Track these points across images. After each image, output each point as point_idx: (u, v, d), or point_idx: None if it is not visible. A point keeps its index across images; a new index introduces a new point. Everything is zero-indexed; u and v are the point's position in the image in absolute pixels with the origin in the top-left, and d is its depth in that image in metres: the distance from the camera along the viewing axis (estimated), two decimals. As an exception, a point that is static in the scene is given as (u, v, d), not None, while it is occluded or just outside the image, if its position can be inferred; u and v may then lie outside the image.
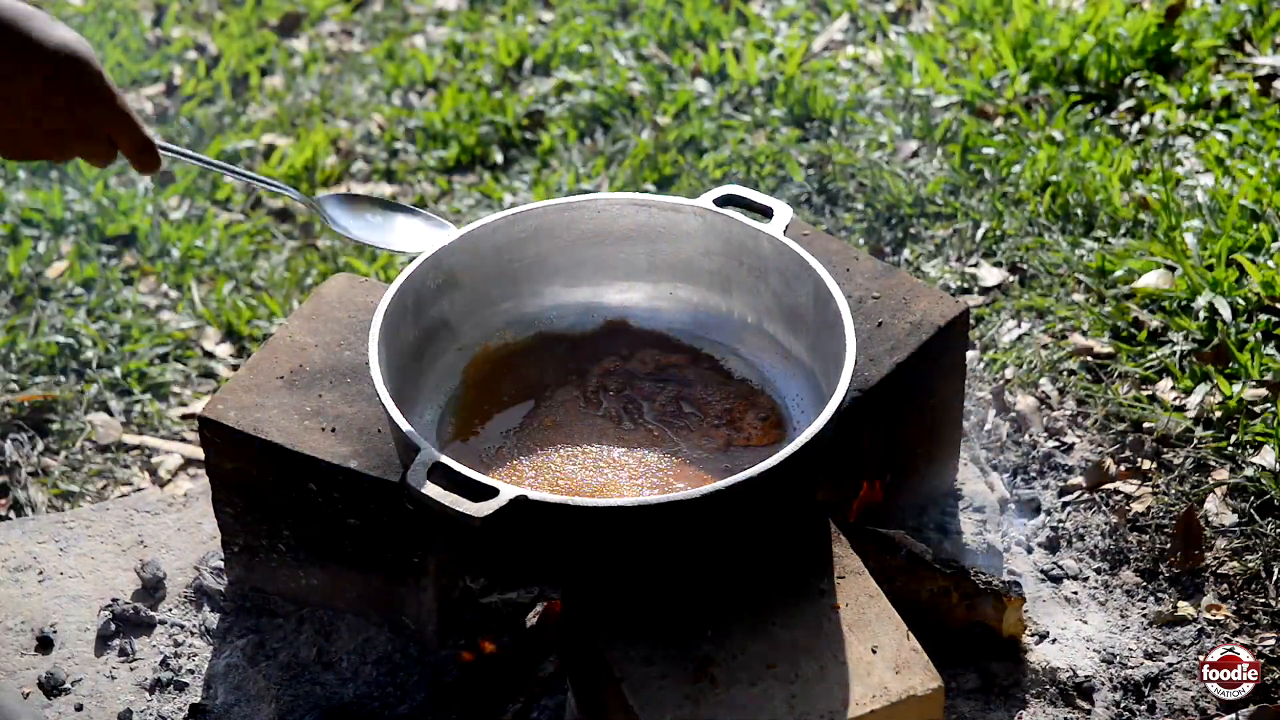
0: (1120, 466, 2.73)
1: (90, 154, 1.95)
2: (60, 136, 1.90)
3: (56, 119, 1.88)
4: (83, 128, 1.91)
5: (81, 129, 1.91)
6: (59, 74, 1.85)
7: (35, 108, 1.86)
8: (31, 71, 1.84)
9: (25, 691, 2.38)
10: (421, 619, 2.36)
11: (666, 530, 2.02)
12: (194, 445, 2.99)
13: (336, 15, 4.49)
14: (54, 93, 1.86)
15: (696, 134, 3.72)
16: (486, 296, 2.41)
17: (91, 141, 1.94)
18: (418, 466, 1.95)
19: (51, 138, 1.90)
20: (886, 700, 1.98)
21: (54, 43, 1.85)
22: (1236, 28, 3.74)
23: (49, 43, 1.85)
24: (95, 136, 1.93)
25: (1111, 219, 3.26)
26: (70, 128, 1.90)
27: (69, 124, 1.89)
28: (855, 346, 2.11)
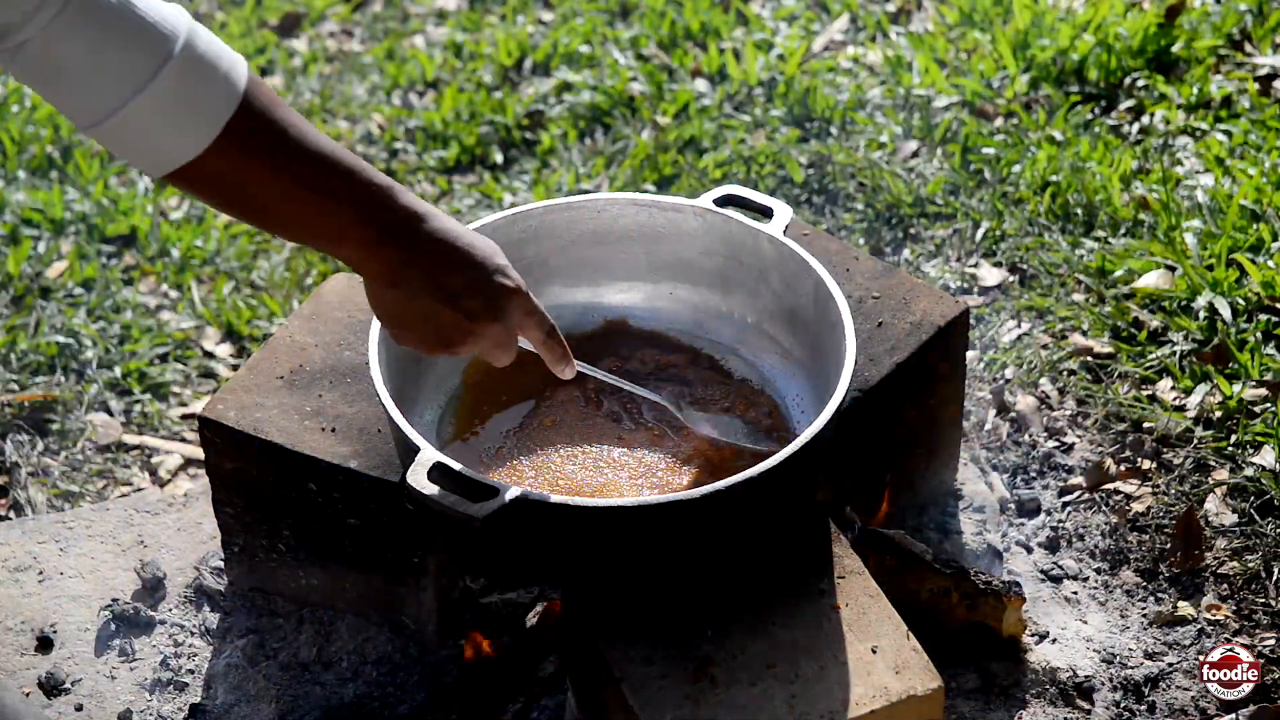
0: (1120, 466, 2.73)
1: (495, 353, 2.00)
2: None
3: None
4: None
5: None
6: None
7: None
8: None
9: (25, 691, 2.38)
10: (421, 619, 2.36)
11: (666, 530, 2.02)
12: (194, 445, 2.99)
13: (336, 15, 4.49)
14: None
15: (696, 134, 3.72)
16: (486, 296, 2.40)
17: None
18: (418, 466, 1.95)
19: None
20: (886, 700, 1.98)
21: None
22: (1236, 28, 3.73)
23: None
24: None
25: (1111, 219, 3.26)
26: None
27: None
28: (855, 346, 2.11)
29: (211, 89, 1.70)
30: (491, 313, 1.92)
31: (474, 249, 1.91)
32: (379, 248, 1.84)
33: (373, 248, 1.84)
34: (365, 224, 1.83)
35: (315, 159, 1.78)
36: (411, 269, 1.87)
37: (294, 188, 1.78)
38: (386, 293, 1.89)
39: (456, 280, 1.89)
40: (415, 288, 1.87)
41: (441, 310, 1.89)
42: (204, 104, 1.70)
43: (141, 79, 1.66)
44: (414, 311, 1.89)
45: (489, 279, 1.91)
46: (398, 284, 1.87)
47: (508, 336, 1.96)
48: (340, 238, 1.84)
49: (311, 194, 1.79)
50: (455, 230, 1.90)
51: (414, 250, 1.86)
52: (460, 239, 1.90)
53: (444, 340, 1.92)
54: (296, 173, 1.77)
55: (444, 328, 1.91)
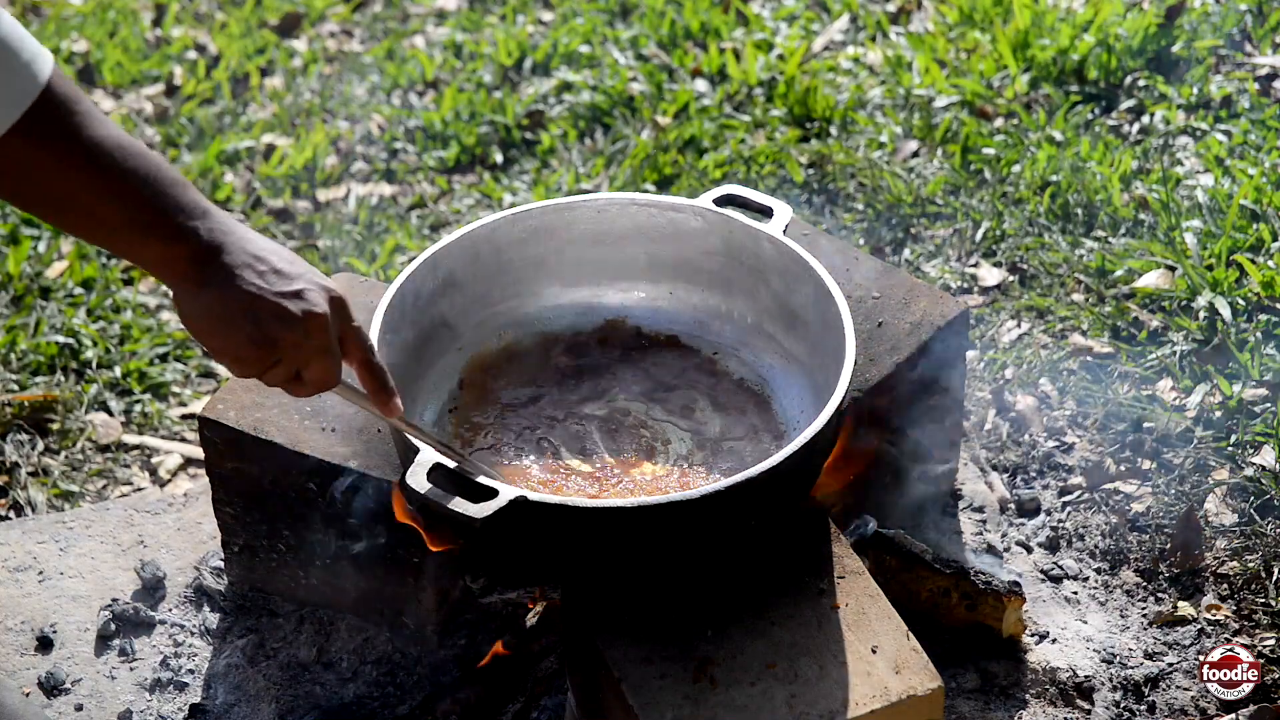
0: (1120, 466, 2.73)
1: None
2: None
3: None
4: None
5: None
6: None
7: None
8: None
9: (25, 691, 2.38)
10: (421, 619, 2.36)
11: (666, 530, 2.02)
12: (194, 445, 2.99)
13: (336, 15, 4.49)
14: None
15: (696, 134, 3.72)
16: (486, 296, 2.41)
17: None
18: (417, 467, 1.95)
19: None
20: (886, 700, 1.98)
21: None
22: (1236, 28, 3.74)
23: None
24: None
25: (1111, 219, 3.26)
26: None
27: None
28: (855, 346, 2.11)
29: (12, 74, 1.63)
30: (312, 300, 1.79)
31: (281, 248, 1.82)
32: (182, 243, 1.74)
33: (175, 243, 1.74)
34: (167, 217, 1.73)
35: (115, 151, 1.70)
36: (221, 261, 1.75)
37: (92, 179, 1.69)
38: (199, 295, 1.76)
39: (274, 268, 1.78)
40: (228, 280, 1.75)
41: (259, 300, 1.76)
42: (3, 88, 1.63)
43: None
44: (229, 306, 1.76)
45: (305, 273, 1.81)
46: (209, 282, 1.75)
47: (330, 338, 1.82)
48: (141, 237, 1.73)
49: (110, 186, 1.70)
50: (254, 232, 1.81)
51: (221, 243, 1.76)
52: (264, 239, 1.81)
53: (264, 336, 1.76)
54: (95, 164, 1.68)
55: (262, 320, 1.76)
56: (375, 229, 3.60)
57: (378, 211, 3.66)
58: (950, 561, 2.38)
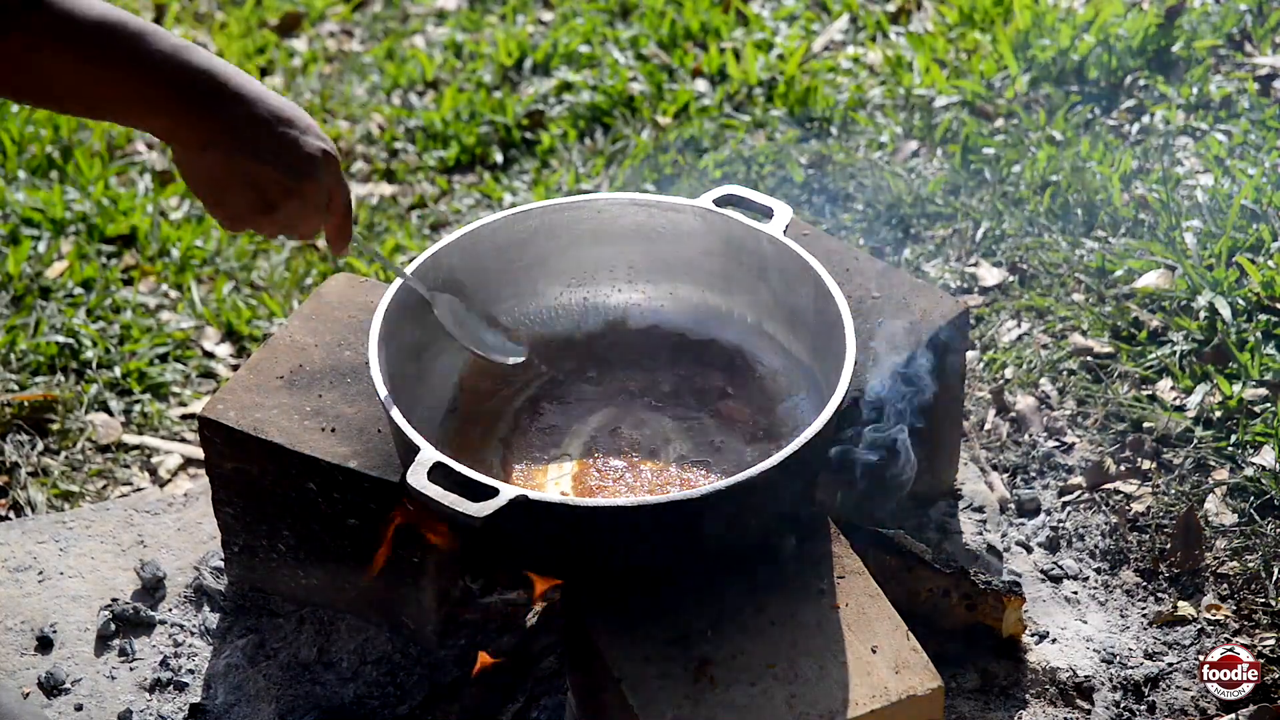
0: (1120, 466, 2.73)
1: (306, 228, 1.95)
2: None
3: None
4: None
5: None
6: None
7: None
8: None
9: (25, 691, 2.38)
10: (421, 619, 2.36)
11: (666, 530, 2.01)
12: (194, 445, 2.99)
13: (336, 15, 4.49)
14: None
15: (696, 134, 3.72)
16: (487, 296, 2.40)
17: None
18: (418, 466, 1.95)
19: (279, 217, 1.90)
20: (886, 700, 1.98)
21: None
22: (1236, 28, 3.74)
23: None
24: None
25: (1111, 219, 3.26)
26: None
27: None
28: (855, 346, 2.11)
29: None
30: (311, 167, 1.86)
31: (283, 106, 1.86)
32: (186, 110, 1.78)
33: (179, 110, 1.78)
34: (165, 86, 1.76)
35: (101, 28, 1.72)
36: (225, 127, 1.80)
37: (83, 61, 1.72)
38: (201, 157, 1.82)
39: (274, 135, 1.83)
40: (231, 146, 1.81)
41: (261, 167, 1.83)
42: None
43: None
44: (232, 171, 1.82)
45: (304, 135, 1.86)
46: (212, 144, 1.81)
47: (322, 199, 1.91)
48: (141, 105, 1.77)
49: (103, 64, 1.73)
50: (259, 87, 1.85)
51: (223, 109, 1.80)
52: (268, 96, 1.85)
53: (265, 201, 1.85)
54: (83, 44, 1.71)
55: (263, 188, 1.84)
56: (375, 229, 3.60)
57: (378, 211, 3.66)
58: (950, 561, 2.38)
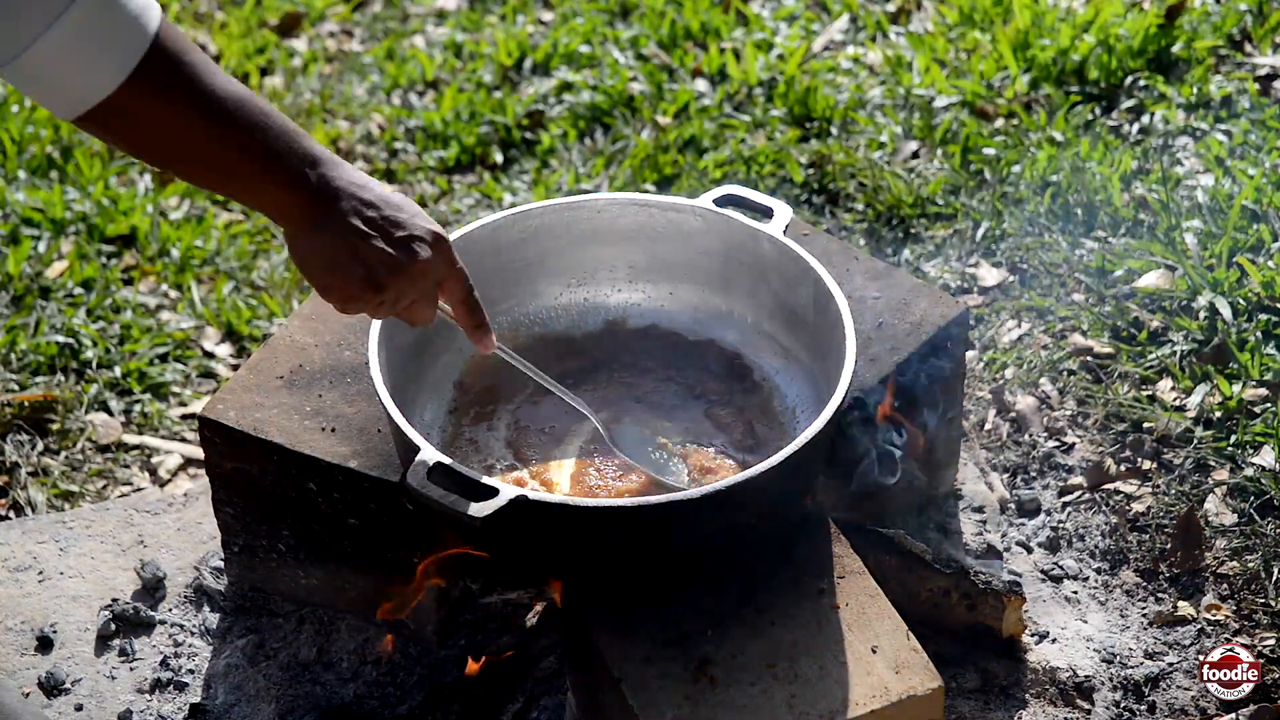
0: (1120, 466, 2.73)
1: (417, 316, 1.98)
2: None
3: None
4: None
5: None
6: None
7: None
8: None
9: (25, 691, 2.38)
10: (421, 619, 2.36)
11: (666, 530, 2.01)
12: (194, 445, 2.99)
13: (336, 15, 4.49)
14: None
15: (696, 134, 3.72)
16: (486, 296, 2.39)
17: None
18: (418, 466, 1.95)
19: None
20: (886, 700, 1.98)
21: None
22: (1236, 28, 3.74)
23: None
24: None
25: (1111, 219, 3.26)
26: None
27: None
28: (855, 346, 2.11)
29: (124, 25, 1.67)
30: (420, 249, 1.88)
31: (393, 193, 1.90)
32: (299, 188, 1.81)
33: (292, 189, 1.81)
34: (283, 163, 1.79)
35: (229, 100, 1.75)
36: (335, 206, 1.83)
37: (210, 128, 1.74)
38: (311, 236, 1.85)
39: (383, 215, 1.86)
40: (341, 225, 1.83)
41: (369, 247, 1.85)
42: (117, 40, 1.67)
43: (50, 15, 1.63)
44: (340, 250, 1.84)
45: (413, 218, 1.89)
46: (321, 223, 1.83)
47: (432, 282, 1.93)
48: (258, 179, 1.80)
49: (227, 135, 1.75)
50: (366, 176, 1.88)
51: (335, 189, 1.83)
52: (376, 183, 1.89)
53: (373, 281, 1.86)
54: (212, 112, 1.74)
55: (372, 266, 1.85)
56: (375, 229, 3.59)
57: (378, 211, 3.66)
58: (950, 561, 2.38)
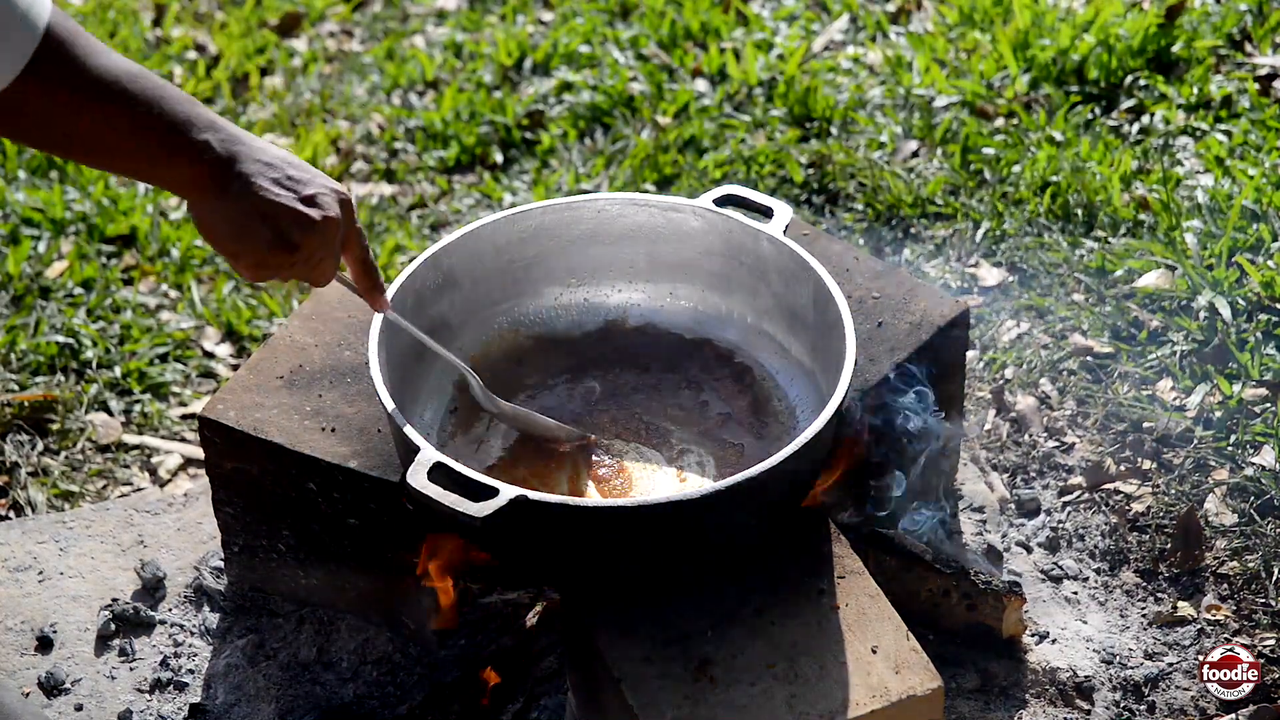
0: (1120, 466, 2.73)
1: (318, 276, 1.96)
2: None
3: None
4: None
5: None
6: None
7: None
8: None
9: (25, 691, 2.38)
10: (421, 619, 2.36)
11: (666, 530, 2.01)
12: (194, 445, 2.99)
13: (336, 15, 4.49)
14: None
15: (696, 134, 3.72)
16: (486, 296, 2.41)
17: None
18: (418, 466, 1.95)
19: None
20: (886, 700, 1.98)
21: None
22: (1236, 28, 3.74)
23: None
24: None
25: (1111, 219, 3.26)
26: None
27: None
28: (855, 346, 2.11)
29: (13, 21, 1.68)
30: (328, 205, 1.88)
31: (291, 155, 1.90)
32: (201, 157, 1.81)
33: (195, 158, 1.80)
34: (183, 135, 1.80)
35: (123, 79, 1.76)
36: (238, 169, 1.83)
37: (108, 113, 1.75)
38: (218, 203, 1.84)
39: (288, 176, 1.86)
40: (246, 188, 1.83)
41: (278, 206, 1.84)
42: (8, 37, 1.68)
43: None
44: (249, 214, 1.83)
45: (315, 176, 1.89)
46: (228, 188, 1.83)
47: (338, 240, 1.91)
48: (160, 154, 1.80)
49: (125, 114, 1.76)
50: (263, 141, 1.89)
51: (235, 152, 1.83)
52: (274, 147, 1.89)
53: (285, 241, 1.85)
54: (109, 95, 1.74)
55: (283, 226, 1.84)
56: (375, 229, 3.60)
57: (378, 211, 3.66)
58: (950, 561, 2.38)
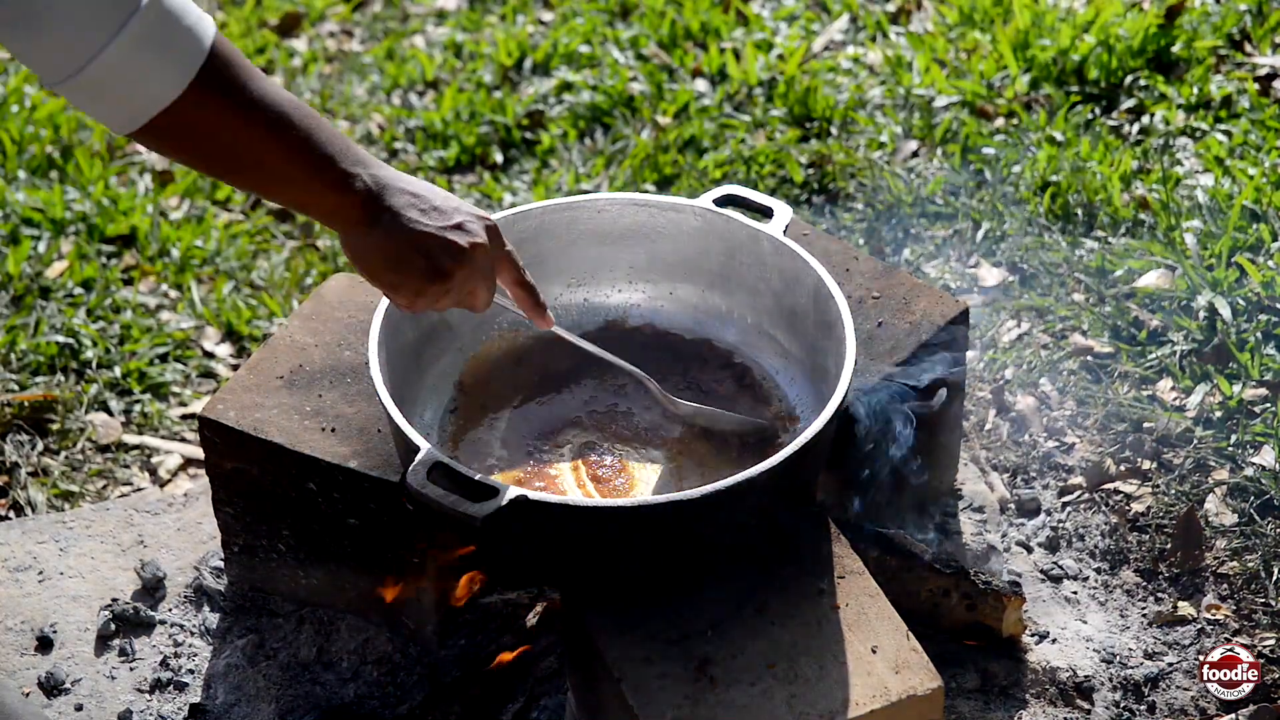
0: (1120, 466, 2.73)
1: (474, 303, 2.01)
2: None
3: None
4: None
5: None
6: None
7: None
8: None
9: (25, 691, 2.38)
10: (421, 619, 2.36)
11: (666, 530, 2.02)
12: (194, 445, 2.99)
13: (336, 15, 4.49)
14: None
15: (696, 134, 3.72)
16: (486, 296, 2.40)
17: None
18: (418, 466, 1.95)
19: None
20: (886, 700, 1.98)
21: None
22: (1236, 28, 3.74)
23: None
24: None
25: (1111, 219, 3.26)
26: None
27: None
28: (855, 346, 2.11)
29: (181, 37, 1.71)
30: (475, 232, 1.92)
31: (433, 185, 1.94)
32: (352, 189, 1.85)
33: (346, 190, 1.85)
34: (335, 166, 1.84)
35: (282, 106, 1.80)
36: (387, 203, 1.87)
37: (267, 135, 1.79)
38: (369, 235, 1.89)
39: (436, 206, 1.90)
40: (396, 220, 1.88)
41: (428, 236, 1.88)
42: (175, 52, 1.71)
43: (111, 28, 1.67)
44: (401, 245, 1.88)
45: (460, 205, 1.94)
46: (377, 221, 1.88)
47: (490, 264, 1.96)
48: (313, 183, 1.84)
49: (282, 140, 1.80)
50: (406, 175, 1.93)
51: (385, 186, 1.88)
52: (419, 180, 1.93)
53: (438, 270, 1.90)
54: (267, 119, 1.78)
55: (434, 255, 1.89)
56: (375, 229, 3.59)
57: (378, 211, 3.66)
58: (950, 561, 2.38)
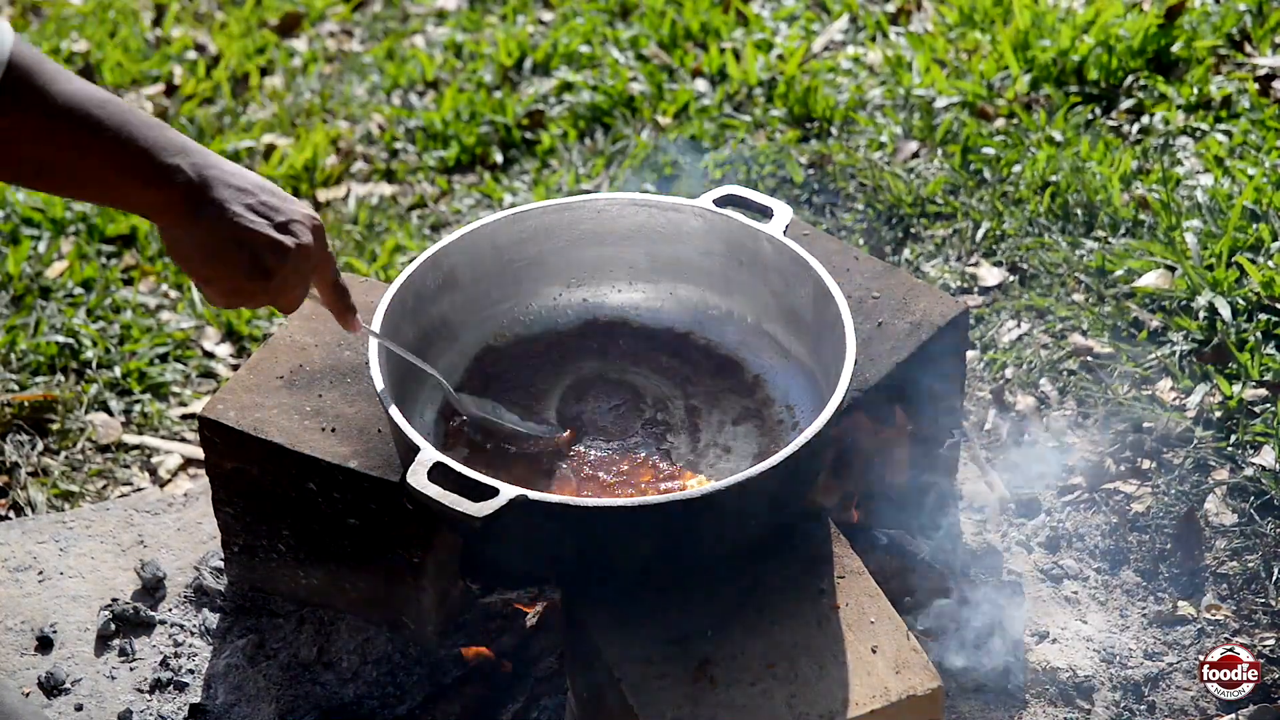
0: (1120, 466, 2.73)
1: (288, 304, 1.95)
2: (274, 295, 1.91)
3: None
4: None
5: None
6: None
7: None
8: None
9: (25, 691, 2.38)
10: (421, 619, 2.36)
11: (666, 530, 2.02)
12: (194, 445, 2.99)
13: (336, 15, 4.49)
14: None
15: (696, 134, 3.72)
16: (486, 296, 2.41)
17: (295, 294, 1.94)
18: (418, 466, 1.95)
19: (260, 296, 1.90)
20: (886, 700, 1.98)
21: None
22: (1236, 28, 3.74)
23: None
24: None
25: (1111, 219, 3.26)
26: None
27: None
28: (855, 346, 2.11)
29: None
30: (302, 232, 1.86)
31: (262, 179, 1.88)
32: (172, 181, 1.78)
33: (166, 183, 1.78)
34: (154, 158, 1.77)
35: (90, 104, 1.74)
36: (212, 194, 1.80)
37: (76, 141, 1.73)
38: (192, 229, 1.81)
39: (261, 200, 1.84)
40: (220, 213, 1.80)
41: (253, 233, 1.81)
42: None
43: None
44: (223, 239, 1.81)
45: (287, 201, 1.87)
46: (200, 213, 1.80)
47: (311, 266, 1.90)
48: (127, 185, 1.78)
49: (94, 140, 1.74)
50: (234, 163, 1.87)
51: (209, 177, 1.81)
52: (246, 170, 1.87)
53: (260, 268, 1.83)
54: (75, 121, 1.72)
55: (258, 252, 1.82)
56: (375, 229, 3.60)
57: (378, 211, 3.66)
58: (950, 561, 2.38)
